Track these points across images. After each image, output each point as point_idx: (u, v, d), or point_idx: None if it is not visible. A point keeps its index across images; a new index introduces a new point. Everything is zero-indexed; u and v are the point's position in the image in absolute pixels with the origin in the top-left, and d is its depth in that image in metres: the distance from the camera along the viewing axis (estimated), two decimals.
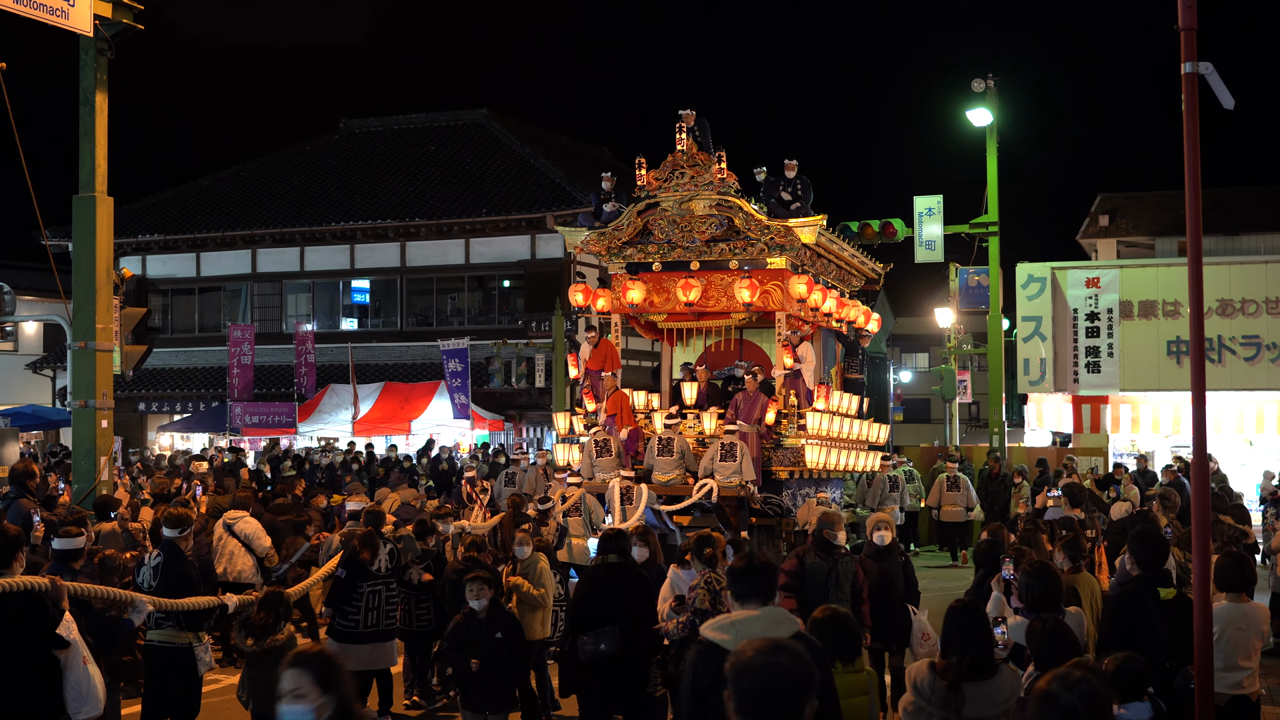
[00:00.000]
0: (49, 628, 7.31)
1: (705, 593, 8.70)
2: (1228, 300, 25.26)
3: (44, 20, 12.63)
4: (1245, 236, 35.22)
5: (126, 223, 37.20)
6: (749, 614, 5.14)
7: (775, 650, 3.62)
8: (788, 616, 5.24)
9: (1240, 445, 26.14)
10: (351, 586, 10.49)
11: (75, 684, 7.38)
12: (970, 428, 50.58)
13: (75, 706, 7.38)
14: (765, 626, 5.09)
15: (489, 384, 34.13)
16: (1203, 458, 6.82)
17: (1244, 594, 7.42)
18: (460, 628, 9.07)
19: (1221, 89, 6.85)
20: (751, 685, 3.57)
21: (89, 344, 13.84)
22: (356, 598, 10.48)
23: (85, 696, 7.40)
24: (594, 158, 43.47)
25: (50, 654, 7.34)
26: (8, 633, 7.34)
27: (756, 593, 5.23)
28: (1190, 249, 6.83)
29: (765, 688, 3.56)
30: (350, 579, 10.50)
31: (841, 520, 10.22)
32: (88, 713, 7.44)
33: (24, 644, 7.36)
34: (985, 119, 26.70)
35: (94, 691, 7.43)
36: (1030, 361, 26.67)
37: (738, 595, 5.26)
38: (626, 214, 18.04)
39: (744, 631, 5.06)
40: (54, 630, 7.31)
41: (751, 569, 5.32)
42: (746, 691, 3.57)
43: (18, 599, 7.35)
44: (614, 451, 16.59)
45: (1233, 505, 14.69)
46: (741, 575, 5.30)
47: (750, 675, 3.58)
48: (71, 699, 7.37)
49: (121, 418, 25.83)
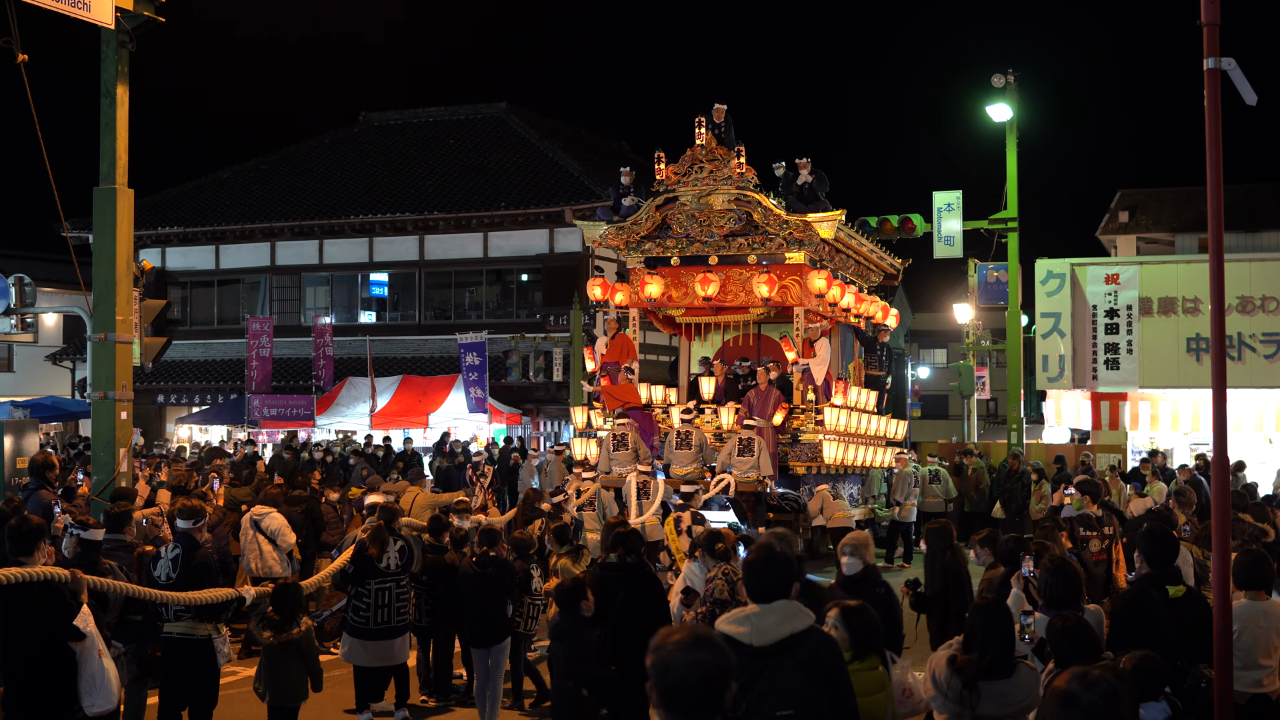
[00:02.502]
0: (66, 619, 7.34)
1: (724, 583, 8.70)
2: (1248, 297, 25.13)
3: (66, 12, 12.66)
4: (1266, 233, 35.07)
5: (146, 215, 37.32)
6: (765, 606, 5.14)
7: (697, 645, 3.65)
8: (802, 609, 5.21)
9: (1260, 443, 26.00)
10: (359, 582, 10.52)
11: (90, 676, 7.41)
12: (988, 424, 50.46)
13: (89, 700, 7.41)
14: (781, 619, 5.08)
15: (506, 378, 34.19)
16: (1223, 455, 6.78)
17: (1263, 591, 7.38)
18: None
19: (1244, 85, 6.81)
20: (675, 681, 3.62)
21: (109, 336, 13.87)
22: (365, 594, 10.51)
23: (99, 689, 7.43)
24: (613, 152, 43.46)
25: (65, 645, 7.37)
26: (25, 622, 7.39)
27: (772, 586, 5.21)
28: (1212, 245, 6.79)
29: (687, 683, 3.60)
30: (358, 574, 10.52)
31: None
32: (100, 706, 7.46)
33: (40, 634, 7.40)
34: (1005, 114, 26.62)
35: (108, 685, 7.45)
36: (1049, 358, 26.57)
37: (752, 589, 5.24)
38: (645, 208, 18.05)
39: (760, 624, 5.05)
40: (71, 621, 7.34)
41: (767, 562, 5.30)
42: (670, 688, 3.62)
43: (36, 589, 7.39)
44: (631, 446, 16.60)
45: (1253, 504, 14.61)
46: (757, 569, 5.29)
47: (673, 672, 3.62)
48: (85, 691, 7.40)
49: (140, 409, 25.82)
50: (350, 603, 10.64)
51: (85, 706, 7.42)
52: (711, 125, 17.91)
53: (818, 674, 5.04)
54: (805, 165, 18.35)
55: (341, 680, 11.10)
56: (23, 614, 7.40)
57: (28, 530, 7.68)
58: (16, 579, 7.34)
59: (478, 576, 10.37)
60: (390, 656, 10.63)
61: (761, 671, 4.96)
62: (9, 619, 7.48)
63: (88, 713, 7.44)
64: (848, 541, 8.25)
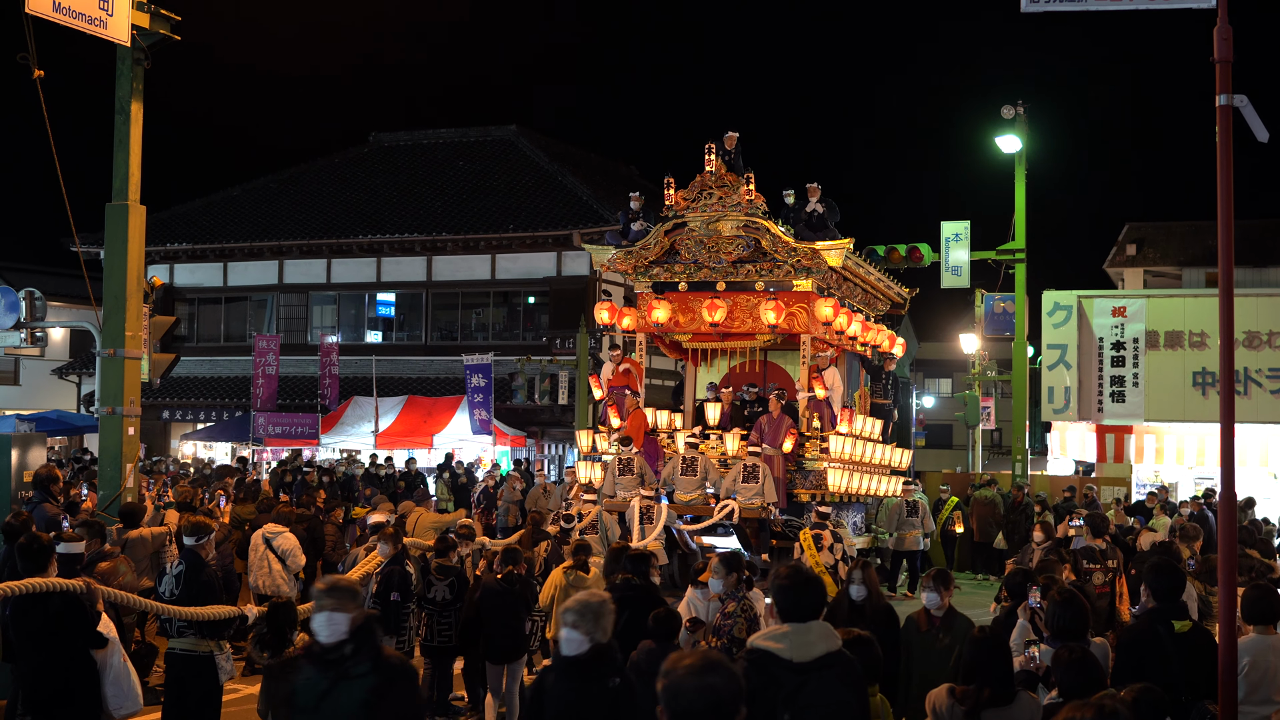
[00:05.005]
0: (90, 627, 7.44)
1: (744, 622, 8.68)
2: (1254, 332, 25.14)
3: (82, 29, 12.73)
4: (1273, 269, 35.08)
5: (155, 231, 37.33)
6: (801, 625, 5.28)
7: (708, 670, 3.69)
8: (832, 630, 5.37)
9: (1265, 478, 25.96)
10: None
11: (115, 680, 7.50)
12: (992, 454, 50.42)
13: (116, 703, 7.50)
14: (819, 636, 5.25)
15: (512, 400, 34.19)
16: (1230, 490, 6.78)
17: (1271, 626, 7.37)
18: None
19: (1256, 122, 6.85)
20: (686, 705, 3.65)
21: (118, 351, 13.91)
22: None
23: (126, 693, 7.53)
24: (622, 176, 43.56)
25: (88, 654, 7.45)
26: (47, 633, 7.45)
27: (809, 606, 5.35)
28: (1222, 281, 6.81)
29: (698, 707, 3.64)
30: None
31: None
32: (129, 709, 7.55)
33: (65, 643, 7.47)
34: (1014, 145, 26.65)
35: (134, 688, 7.57)
36: (1055, 389, 26.57)
37: (788, 609, 5.34)
38: (654, 233, 18.07)
39: (800, 641, 5.20)
40: (94, 629, 7.44)
41: (805, 584, 5.41)
42: (681, 712, 3.65)
43: (57, 599, 7.48)
44: (636, 470, 16.60)
45: (1259, 539, 14.59)
46: (789, 591, 5.39)
47: (684, 696, 3.65)
48: (112, 695, 7.49)
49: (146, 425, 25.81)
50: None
51: (113, 710, 7.49)
52: (721, 151, 17.94)
53: (853, 689, 5.31)
54: (815, 193, 18.36)
55: None
56: (45, 626, 7.48)
57: (39, 548, 7.79)
58: (35, 589, 7.42)
59: (501, 594, 10.41)
60: None
61: (804, 685, 5.10)
62: (30, 631, 7.55)
63: (115, 715, 7.52)
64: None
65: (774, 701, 5.02)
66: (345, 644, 5.36)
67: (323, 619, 5.37)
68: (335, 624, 5.37)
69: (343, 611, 5.39)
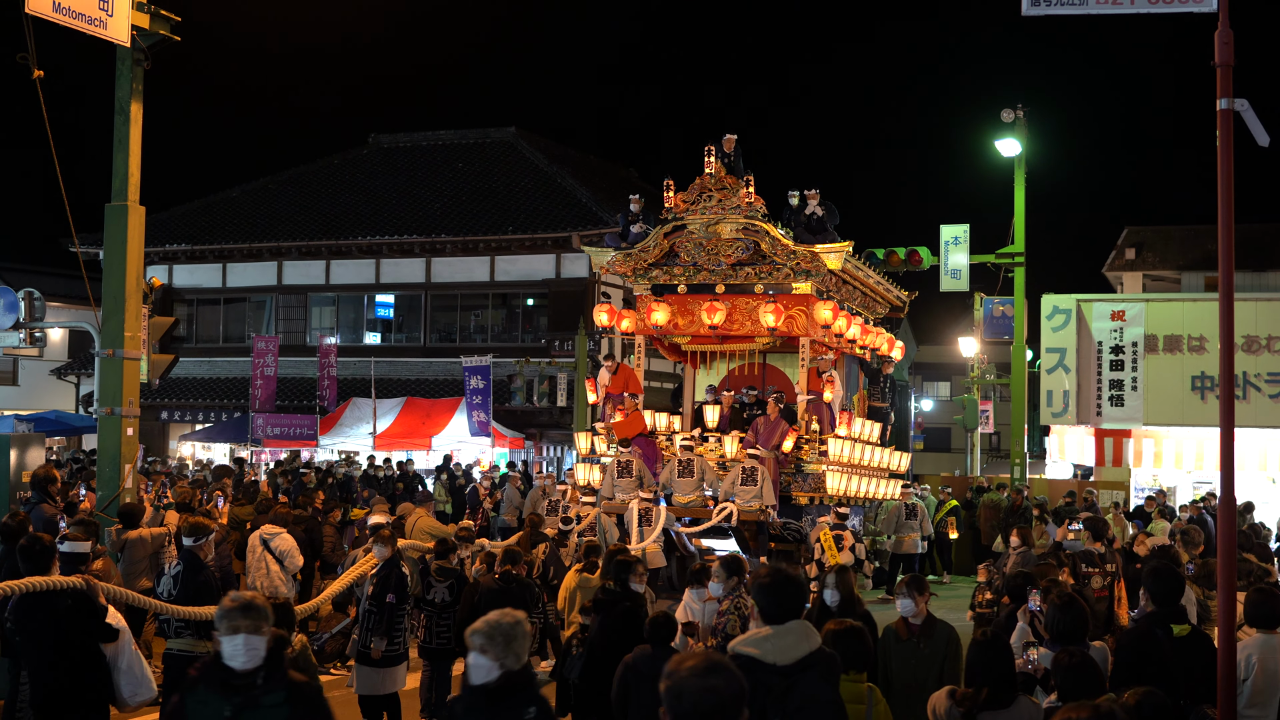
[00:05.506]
0: (99, 621, 7.50)
1: (737, 618, 8.68)
2: (1253, 337, 25.13)
3: (82, 29, 12.72)
4: (1272, 273, 35.09)
5: (153, 232, 37.23)
6: (781, 627, 5.28)
7: (710, 671, 3.70)
8: (811, 628, 5.36)
9: (1263, 483, 25.95)
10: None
11: (128, 669, 7.57)
12: (991, 458, 50.39)
13: (130, 690, 7.55)
14: (799, 638, 5.23)
15: (510, 402, 34.18)
16: (1230, 494, 6.78)
17: (1275, 629, 7.36)
18: None
19: (1257, 126, 6.85)
20: (689, 706, 3.65)
21: (117, 352, 13.90)
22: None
23: (140, 681, 7.61)
24: (622, 178, 43.56)
25: (97, 652, 7.51)
26: (58, 630, 7.50)
27: (789, 607, 5.34)
28: (1222, 285, 6.81)
29: (701, 709, 3.64)
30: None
31: None
32: (143, 695, 7.62)
33: (76, 639, 7.53)
34: (1014, 149, 26.66)
35: (146, 675, 7.64)
36: (1053, 393, 26.55)
37: (769, 611, 5.34)
38: (653, 235, 18.07)
39: (777, 645, 5.17)
40: (104, 622, 7.50)
41: (783, 585, 5.40)
42: (684, 713, 3.65)
43: (66, 597, 7.54)
44: (634, 472, 16.60)
45: (1257, 544, 14.58)
46: (769, 591, 5.38)
47: (686, 697, 3.65)
48: (126, 684, 7.56)
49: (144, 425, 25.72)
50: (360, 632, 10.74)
51: (128, 698, 7.54)
52: (721, 154, 17.94)
53: (834, 684, 5.40)
54: (814, 196, 18.37)
55: (342, 701, 11.04)
56: (53, 623, 7.53)
57: (41, 549, 7.85)
58: (37, 588, 7.47)
59: (500, 594, 10.41)
60: (381, 686, 10.64)
61: (792, 688, 5.09)
62: (36, 631, 7.59)
63: (131, 703, 7.57)
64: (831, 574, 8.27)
65: (763, 705, 5.03)
66: (259, 670, 5.05)
67: (239, 642, 5.00)
68: (253, 648, 5.02)
69: (259, 635, 5.02)
